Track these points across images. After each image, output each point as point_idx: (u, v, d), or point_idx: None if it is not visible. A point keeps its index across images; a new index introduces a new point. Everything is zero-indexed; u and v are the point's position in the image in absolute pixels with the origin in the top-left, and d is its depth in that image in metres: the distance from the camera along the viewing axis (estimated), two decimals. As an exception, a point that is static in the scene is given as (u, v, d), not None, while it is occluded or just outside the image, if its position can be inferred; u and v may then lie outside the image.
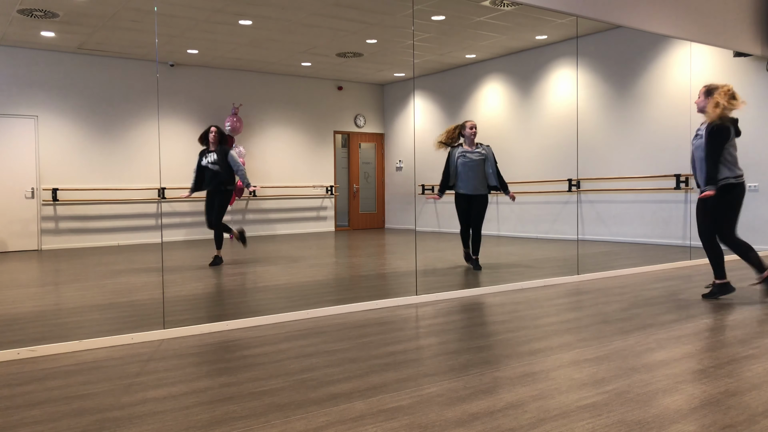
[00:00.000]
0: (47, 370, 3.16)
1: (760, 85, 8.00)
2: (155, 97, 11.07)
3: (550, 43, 10.31)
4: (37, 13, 8.02)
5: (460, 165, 6.62)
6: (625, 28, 9.21)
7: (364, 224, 13.94)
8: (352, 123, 13.61)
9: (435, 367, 3.08)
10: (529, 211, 10.74)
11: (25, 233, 10.01)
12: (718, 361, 3.11)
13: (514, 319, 4.20)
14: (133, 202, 10.83)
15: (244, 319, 4.17)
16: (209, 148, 7.33)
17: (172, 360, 3.30)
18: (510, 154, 11.04)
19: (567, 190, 10.15)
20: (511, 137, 11.06)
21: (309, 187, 12.88)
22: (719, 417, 2.36)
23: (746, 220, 8.11)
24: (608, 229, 9.64)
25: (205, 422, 2.40)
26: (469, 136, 6.62)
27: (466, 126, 6.67)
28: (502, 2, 7.90)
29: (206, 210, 7.35)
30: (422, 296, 4.99)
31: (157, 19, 8.53)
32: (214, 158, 7.26)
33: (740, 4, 6.94)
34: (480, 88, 11.65)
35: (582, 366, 3.06)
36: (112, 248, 10.05)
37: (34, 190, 10.06)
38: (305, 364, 3.16)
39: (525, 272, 6.35)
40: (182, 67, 11.32)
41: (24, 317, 4.46)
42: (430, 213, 12.41)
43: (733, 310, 4.35)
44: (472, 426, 2.31)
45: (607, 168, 9.66)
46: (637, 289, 5.31)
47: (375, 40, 9.70)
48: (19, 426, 2.39)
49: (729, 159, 4.59)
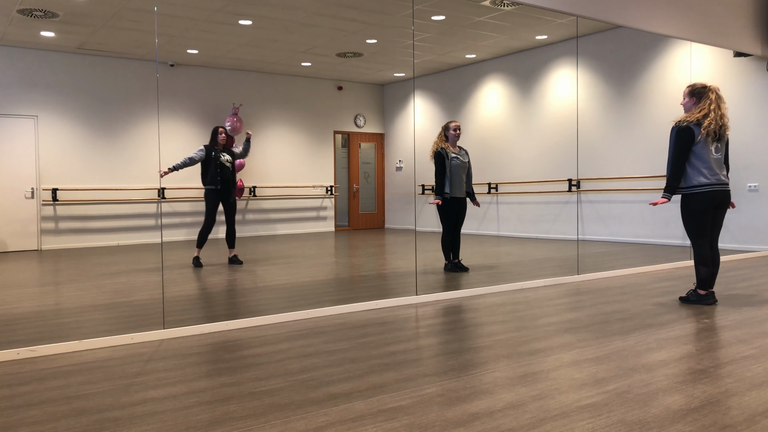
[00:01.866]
0: (47, 370, 3.16)
1: (760, 85, 8.00)
2: (155, 97, 11.07)
3: (550, 43, 10.31)
4: (37, 13, 8.02)
5: (453, 167, 6.34)
6: (625, 28, 9.21)
7: (364, 224, 13.94)
8: (352, 123, 13.61)
9: (435, 367, 3.08)
10: (529, 211, 10.74)
11: (25, 233, 10.01)
12: (718, 361, 3.11)
13: (514, 319, 4.20)
14: (133, 202, 10.83)
15: (244, 319, 4.17)
16: (219, 148, 7.16)
17: (172, 360, 3.30)
18: (510, 154, 11.03)
19: (567, 190, 10.15)
20: (511, 137, 11.06)
21: (309, 187, 12.88)
22: (719, 417, 2.36)
23: (746, 220, 8.11)
24: (608, 229, 9.64)
25: (205, 422, 2.40)
26: (453, 137, 6.40)
27: (450, 127, 6.41)
28: (502, 2, 7.90)
29: (214, 210, 7.10)
30: (422, 296, 4.99)
31: (157, 19, 8.53)
32: (229, 158, 7.18)
33: (740, 4, 6.94)
34: (480, 88, 11.65)
35: (582, 366, 3.06)
36: (112, 248, 10.05)
37: (34, 190, 10.06)
38: (305, 364, 3.16)
39: (525, 272, 6.35)
40: (182, 67, 11.32)
41: (24, 317, 4.46)
42: (430, 213, 12.41)
43: (733, 310, 4.35)
44: (472, 426, 2.31)
45: (607, 168, 9.66)
46: (637, 289, 5.31)
47: (375, 40, 9.70)
48: (19, 426, 2.39)
49: (696, 163, 4.47)
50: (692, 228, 4.55)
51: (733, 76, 8.23)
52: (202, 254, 7.36)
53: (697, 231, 4.54)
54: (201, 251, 7.42)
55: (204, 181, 7.15)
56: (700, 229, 4.53)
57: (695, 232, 4.55)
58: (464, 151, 6.54)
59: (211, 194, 7.10)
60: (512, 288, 5.44)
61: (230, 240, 7.31)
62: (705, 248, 4.54)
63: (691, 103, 4.60)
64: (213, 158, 7.09)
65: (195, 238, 11.36)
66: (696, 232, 4.54)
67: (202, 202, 11.47)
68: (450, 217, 6.41)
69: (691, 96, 4.60)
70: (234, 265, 7.14)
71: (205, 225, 7.12)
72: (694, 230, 4.55)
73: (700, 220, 4.51)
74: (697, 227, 4.53)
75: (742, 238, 8.17)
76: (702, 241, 4.54)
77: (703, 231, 4.53)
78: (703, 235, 4.54)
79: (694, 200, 4.49)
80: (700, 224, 4.52)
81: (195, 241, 11.03)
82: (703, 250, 4.54)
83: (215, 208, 7.14)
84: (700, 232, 4.53)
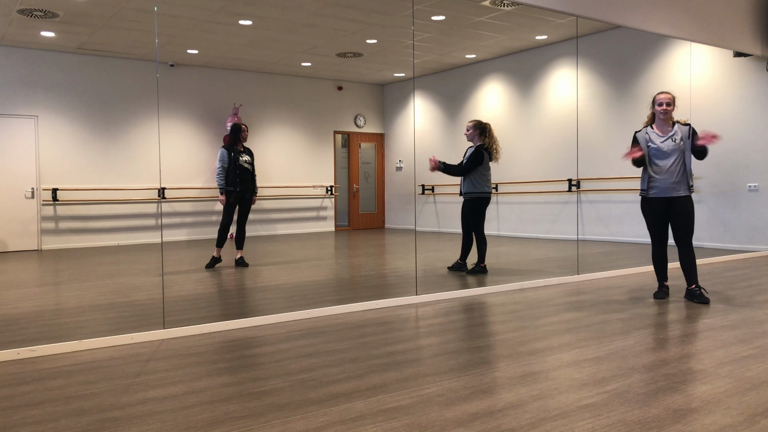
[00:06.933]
0: (47, 370, 3.16)
1: (760, 85, 8.00)
2: (155, 97, 11.07)
3: (550, 43, 10.31)
4: (37, 13, 8.02)
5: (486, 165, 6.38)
6: (625, 28, 9.21)
7: (364, 224, 13.94)
8: (352, 123, 13.61)
9: (435, 367, 3.08)
10: (529, 211, 10.74)
11: (25, 233, 10.01)
12: (718, 361, 3.11)
13: (514, 319, 4.20)
14: (133, 202, 10.83)
15: (244, 319, 4.17)
16: (239, 148, 7.04)
17: (172, 360, 3.30)
18: (510, 154, 11.03)
19: (567, 190, 10.15)
20: (511, 137, 11.06)
21: (309, 187, 12.88)
22: (718, 417, 2.36)
23: (746, 220, 8.11)
24: (608, 229, 9.64)
25: (205, 422, 2.40)
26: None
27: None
28: (502, 2, 7.90)
29: (232, 210, 7.02)
30: (422, 296, 4.99)
31: (157, 19, 8.53)
32: (249, 159, 7.10)
33: (740, 4, 6.94)
34: (480, 88, 11.65)
35: (582, 366, 3.06)
36: (112, 248, 10.05)
37: (34, 190, 10.06)
38: (305, 364, 3.16)
39: (525, 272, 6.35)
40: (182, 67, 11.32)
41: (24, 317, 4.46)
42: (430, 213, 12.41)
43: (733, 310, 4.35)
44: (472, 426, 2.31)
45: (607, 168, 9.66)
46: (636, 289, 5.31)
47: (375, 40, 9.70)
48: (19, 426, 2.39)
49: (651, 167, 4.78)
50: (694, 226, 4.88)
51: (733, 76, 8.23)
52: (222, 254, 7.22)
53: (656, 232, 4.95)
54: (221, 251, 7.34)
55: (221, 182, 6.99)
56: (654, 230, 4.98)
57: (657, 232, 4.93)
58: None
59: (230, 196, 7.02)
60: (512, 288, 5.44)
61: (239, 241, 7.28)
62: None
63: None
64: (233, 159, 6.97)
65: (195, 238, 11.37)
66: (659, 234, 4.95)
67: (202, 202, 11.47)
68: (484, 216, 6.50)
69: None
70: (240, 267, 7.11)
71: (222, 223, 7.03)
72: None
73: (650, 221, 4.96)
74: (653, 228, 4.95)
75: (742, 238, 8.17)
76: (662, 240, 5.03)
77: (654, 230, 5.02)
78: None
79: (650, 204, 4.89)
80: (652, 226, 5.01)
81: (195, 241, 11.04)
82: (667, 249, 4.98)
83: (233, 209, 7.06)
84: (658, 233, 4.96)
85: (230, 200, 7.03)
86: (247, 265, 7.17)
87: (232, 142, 7.07)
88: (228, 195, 7.02)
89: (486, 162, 6.31)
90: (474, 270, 6.35)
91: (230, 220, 7.07)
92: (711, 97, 8.44)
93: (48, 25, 8.66)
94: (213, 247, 9.44)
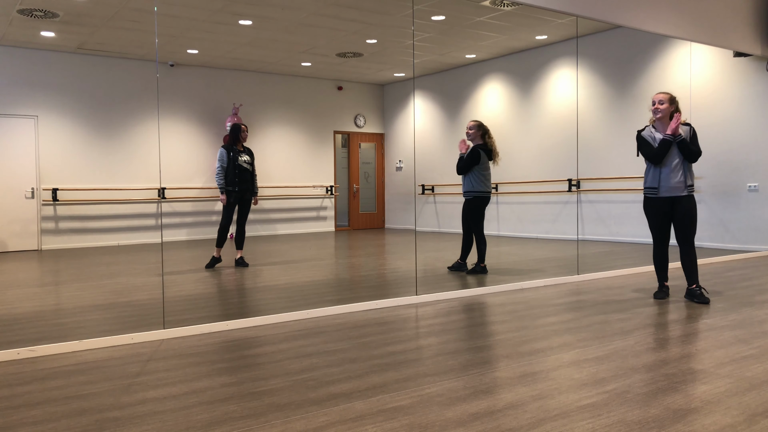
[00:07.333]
0: (47, 370, 3.16)
1: (760, 85, 8.00)
2: (155, 97, 11.07)
3: (550, 43, 10.31)
4: (37, 13, 8.02)
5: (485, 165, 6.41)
6: (625, 28, 9.21)
7: (364, 224, 13.94)
8: (352, 123, 13.61)
9: (435, 367, 3.08)
10: (529, 211, 10.74)
11: (25, 233, 10.01)
12: (718, 361, 3.11)
13: (514, 319, 4.20)
14: (133, 202, 10.83)
15: (244, 319, 4.17)
16: (239, 148, 7.04)
17: (172, 360, 3.30)
18: (510, 154, 11.03)
19: (567, 190, 10.15)
20: (511, 137, 11.06)
21: (309, 187, 12.88)
22: (718, 417, 2.36)
23: (746, 220, 8.11)
24: (608, 229, 9.64)
25: (205, 422, 2.40)
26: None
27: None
28: (502, 2, 7.90)
29: (231, 210, 7.02)
30: (422, 296, 4.99)
31: (157, 19, 8.53)
32: (249, 159, 7.09)
33: (740, 4, 6.94)
34: (480, 88, 11.65)
35: (582, 366, 3.06)
36: (112, 248, 10.05)
37: (34, 190, 10.06)
38: (305, 364, 3.16)
39: (525, 272, 6.35)
40: (182, 67, 11.32)
41: (24, 317, 4.46)
42: (430, 213, 12.42)
43: (733, 310, 4.35)
44: (472, 426, 2.31)
45: (607, 168, 9.66)
46: (637, 289, 5.31)
47: (375, 40, 9.70)
48: (19, 426, 2.39)
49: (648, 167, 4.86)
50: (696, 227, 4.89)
51: (733, 76, 8.23)
52: (222, 254, 7.19)
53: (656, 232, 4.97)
54: (221, 251, 7.32)
55: (221, 182, 6.98)
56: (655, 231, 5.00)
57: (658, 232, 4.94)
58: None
59: (230, 196, 7.00)
60: (512, 288, 5.44)
61: (239, 241, 7.27)
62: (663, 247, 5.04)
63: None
64: (231, 159, 6.96)
65: (195, 238, 11.37)
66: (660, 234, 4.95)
67: (202, 202, 11.47)
68: (483, 216, 6.47)
69: (672, 102, 4.76)
70: (239, 267, 7.10)
71: (222, 223, 7.02)
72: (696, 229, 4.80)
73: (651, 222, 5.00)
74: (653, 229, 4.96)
75: (742, 238, 8.17)
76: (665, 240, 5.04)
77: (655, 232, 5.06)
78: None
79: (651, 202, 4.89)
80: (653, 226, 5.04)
81: (195, 241, 11.04)
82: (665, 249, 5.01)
83: (232, 209, 7.05)
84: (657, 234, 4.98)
85: (230, 200, 7.03)
86: (247, 265, 7.16)
87: (231, 141, 7.07)
88: (228, 195, 7.02)
89: (484, 162, 6.31)
90: (474, 270, 6.35)
91: (230, 220, 7.07)
92: (711, 97, 8.44)
93: (48, 25, 8.66)
94: (213, 247, 9.44)
